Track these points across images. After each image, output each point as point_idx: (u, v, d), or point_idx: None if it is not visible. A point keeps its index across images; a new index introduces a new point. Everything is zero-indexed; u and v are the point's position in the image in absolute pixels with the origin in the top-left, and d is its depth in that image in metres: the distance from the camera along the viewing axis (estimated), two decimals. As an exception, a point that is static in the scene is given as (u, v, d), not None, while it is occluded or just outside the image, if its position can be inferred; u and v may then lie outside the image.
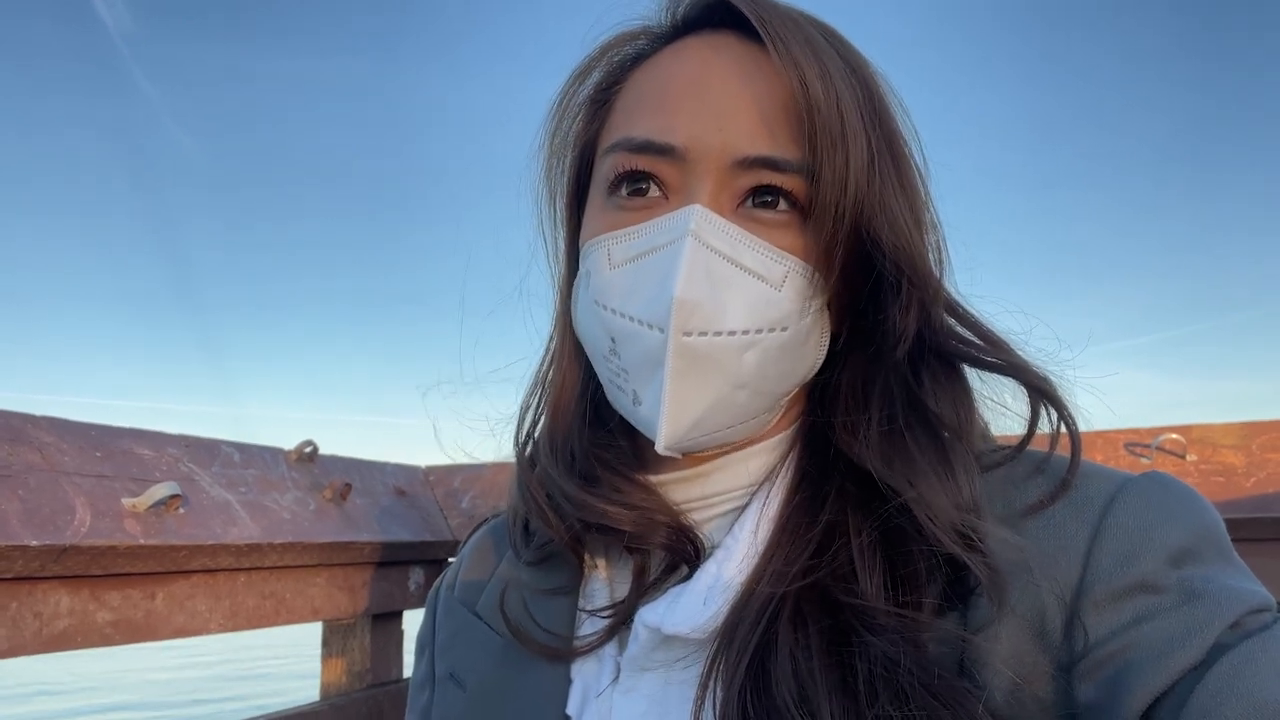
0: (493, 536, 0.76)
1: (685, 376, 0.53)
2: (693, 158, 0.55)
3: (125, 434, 1.19)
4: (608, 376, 0.59)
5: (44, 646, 0.99)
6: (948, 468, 0.54)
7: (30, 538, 0.93)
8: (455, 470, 1.79)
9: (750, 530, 0.58)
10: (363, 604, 1.50)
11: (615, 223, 0.58)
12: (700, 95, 0.56)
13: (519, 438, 0.69)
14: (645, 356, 0.54)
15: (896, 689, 0.47)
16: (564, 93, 0.66)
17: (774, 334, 0.55)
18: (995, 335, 0.59)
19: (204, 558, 1.15)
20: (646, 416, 0.55)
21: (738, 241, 0.54)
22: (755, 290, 0.54)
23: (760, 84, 0.56)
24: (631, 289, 0.56)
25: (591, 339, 0.60)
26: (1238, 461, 1.28)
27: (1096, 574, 0.49)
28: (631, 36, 0.64)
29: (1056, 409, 0.57)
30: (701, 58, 0.58)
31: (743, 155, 0.55)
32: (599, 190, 0.61)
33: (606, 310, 0.57)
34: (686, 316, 0.52)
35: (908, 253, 0.55)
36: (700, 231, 0.53)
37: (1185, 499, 0.53)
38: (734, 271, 0.54)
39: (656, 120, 0.57)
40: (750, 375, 0.55)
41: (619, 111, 0.62)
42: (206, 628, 1.20)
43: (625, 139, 0.58)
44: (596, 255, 0.58)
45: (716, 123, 0.55)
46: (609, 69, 0.64)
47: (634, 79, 0.62)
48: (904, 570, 0.52)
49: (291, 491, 1.38)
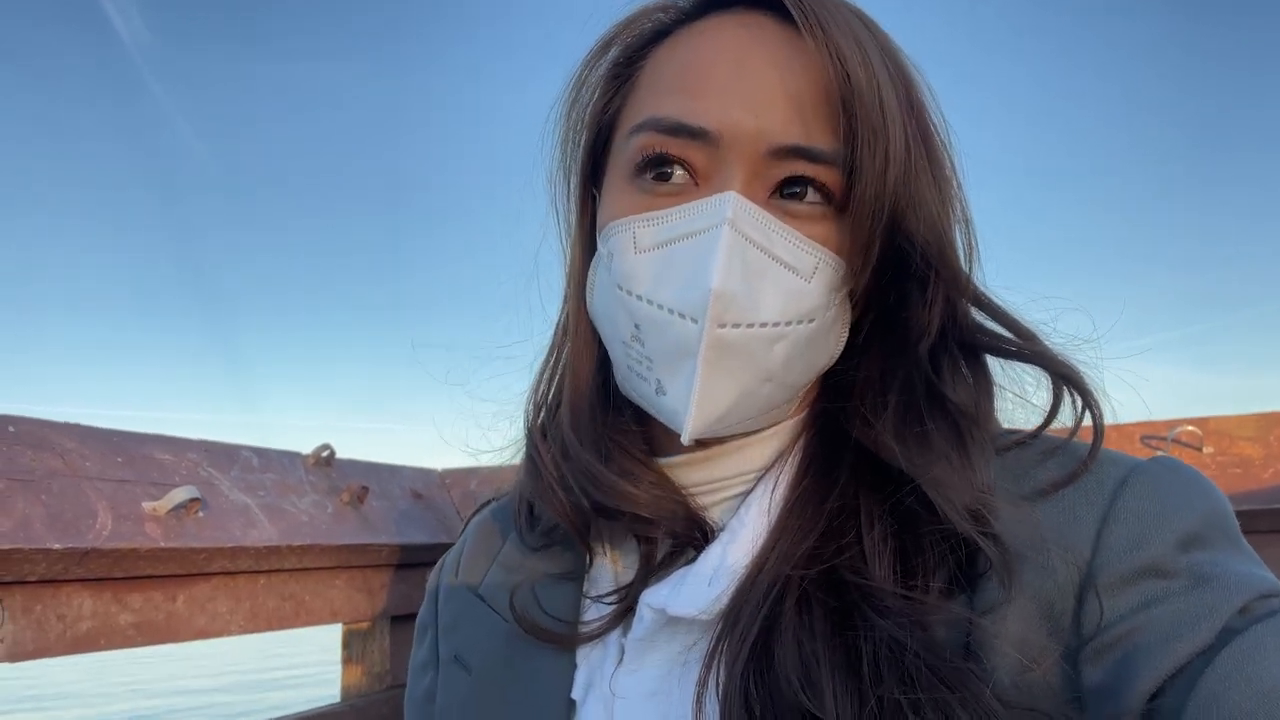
0: (495, 519, 0.75)
1: (716, 368, 0.52)
2: (726, 143, 0.54)
3: (145, 439, 1.21)
4: (626, 362, 0.58)
5: (68, 648, 1.00)
6: (963, 452, 0.54)
7: (53, 541, 0.95)
8: (471, 473, 1.80)
9: (757, 513, 0.58)
10: (381, 606, 1.51)
11: (642, 205, 0.56)
12: (735, 78, 0.54)
13: (530, 415, 0.68)
14: (675, 346, 0.53)
15: (902, 671, 0.47)
16: (583, 65, 0.63)
17: (802, 326, 0.54)
18: (1023, 326, 0.58)
19: (224, 560, 1.17)
20: (671, 406, 0.54)
21: (772, 232, 0.53)
22: (787, 282, 0.53)
23: (798, 70, 0.54)
24: (661, 275, 0.54)
25: (610, 323, 0.59)
26: (1255, 453, 1.27)
27: (1106, 557, 0.49)
28: (655, 9, 0.62)
29: (1082, 395, 0.56)
30: (736, 38, 0.56)
31: (778, 144, 0.53)
32: (622, 170, 0.59)
33: (631, 296, 0.55)
34: (723, 308, 0.51)
35: (939, 247, 0.54)
36: (737, 220, 0.52)
37: (1195, 484, 0.53)
38: (768, 262, 0.53)
39: (688, 101, 0.55)
40: (778, 368, 0.54)
41: (644, 88, 0.60)
42: (227, 629, 1.21)
43: (654, 119, 0.56)
44: (621, 238, 0.57)
45: (752, 108, 0.53)
46: (630, 43, 0.62)
47: (660, 55, 0.60)
48: (914, 553, 0.52)
49: (309, 495, 1.39)
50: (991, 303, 0.58)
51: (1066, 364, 0.57)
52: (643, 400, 0.59)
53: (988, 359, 0.59)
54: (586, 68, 0.63)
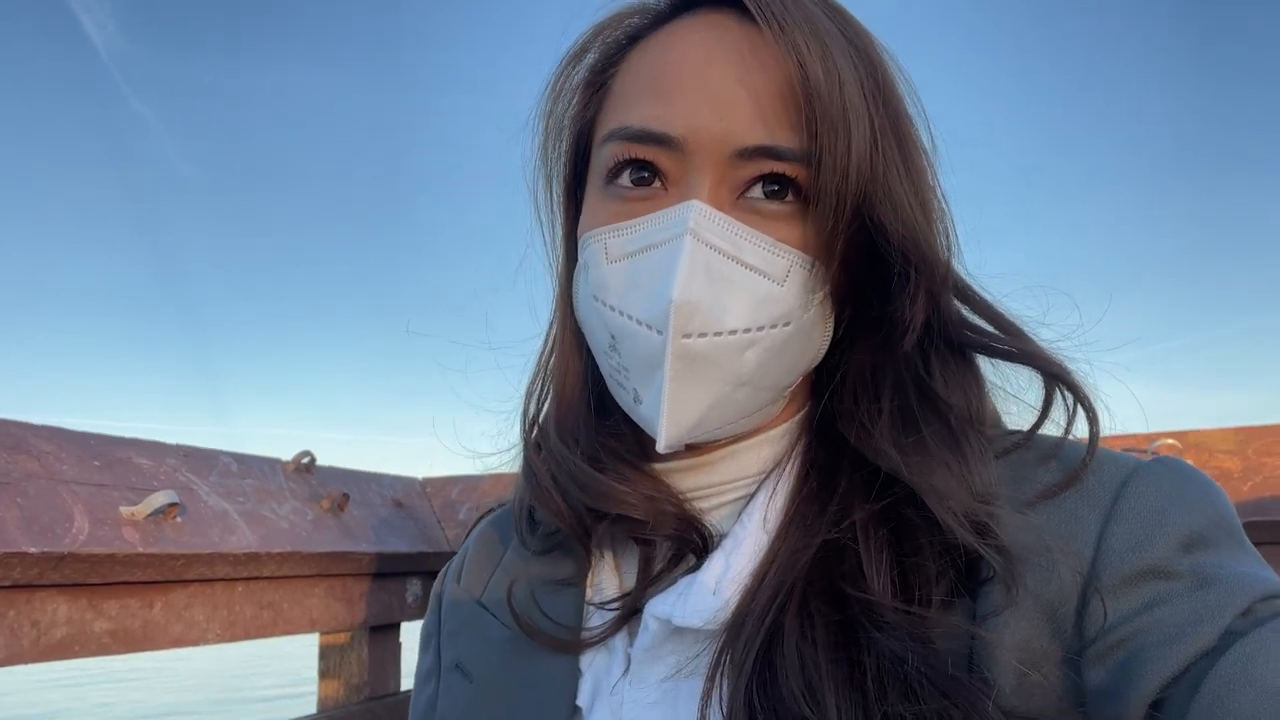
0: (496, 528, 0.75)
1: (684, 378, 0.52)
2: (691, 148, 0.53)
3: (123, 443, 1.18)
4: (609, 371, 0.59)
5: (41, 655, 0.98)
6: (961, 457, 0.53)
7: (29, 544, 0.93)
8: (452, 482, 1.79)
9: (758, 520, 0.58)
10: (360, 615, 1.49)
11: (613, 215, 0.56)
12: (699, 82, 0.54)
13: (524, 424, 0.68)
14: (644, 357, 0.53)
15: (905, 686, 0.47)
16: (558, 74, 0.63)
17: (776, 330, 0.54)
18: (1009, 321, 0.57)
19: (201, 566, 1.15)
20: (647, 415, 0.55)
21: (739, 237, 0.53)
22: (758, 287, 0.53)
23: (758, 69, 0.53)
24: (629, 287, 0.54)
25: (592, 333, 0.59)
26: (1234, 466, 1.29)
27: (1108, 559, 0.49)
28: (627, 15, 0.62)
29: (1074, 394, 0.56)
30: (700, 41, 0.55)
31: (743, 145, 0.53)
32: (596, 179, 0.59)
33: (605, 307, 0.56)
34: (686, 319, 0.51)
35: (914, 239, 0.54)
36: (699, 229, 0.52)
37: (1198, 485, 0.53)
38: (735, 269, 0.53)
39: (654, 108, 0.55)
40: (751, 373, 0.54)
41: (615, 96, 0.60)
42: (204, 638, 1.19)
43: (622, 128, 0.56)
44: (594, 249, 0.57)
45: (716, 111, 0.53)
46: (604, 49, 0.62)
47: (631, 61, 0.60)
48: (913, 563, 0.52)
49: (289, 502, 1.37)
50: (976, 296, 0.58)
51: (1056, 362, 0.56)
52: (626, 408, 0.59)
53: (978, 358, 0.59)
54: (561, 75, 0.63)
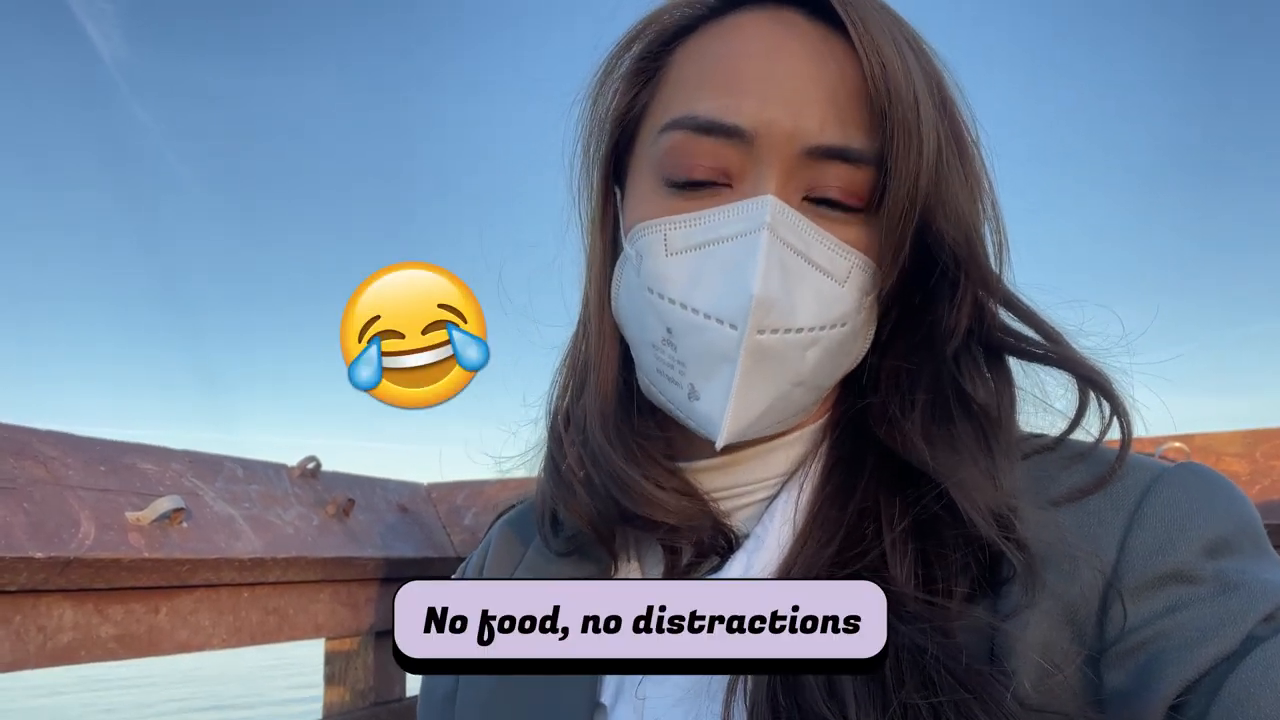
0: (514, 528, 0.74)
1: (752, 374, 0.52)
2: (761, 142, 0.52)
3: (129, 449, 1.19)
4: (655, 366, 0.57)
5: (47, 660, 0.98)
6: (989, 455, 0.53)
7: (35, 550, 0.93)
8: (458, 487, 1.79)
9: (781, 520, 0.57)
10: (366, 621, 1.49)
11: (672, 207, 0.55)
12: (770, 75, 0.53)
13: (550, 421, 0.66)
14: (710, 351, 0.52)
15: (924, 676, 0.46)
16: (607, 62, 0.62)
17: (835, 330, 0.54)
18: (1051, 328, 0.57)
19: (207, 572, 1.15)
20: (705, 412, 0.54)
21: (809, 236, 0.52)
22: (823, 287, 0.53)
23: (833, 67, 0.53)
24: (695, 280, 0.53)
25: (638, 326, 0.58)
26: (1241, 469, 1.28)
27: (1131, 562, 0.49)
28: (682, 3, 0.60)
29: (1109, 401, 0.56)
30: (770, 34, 0.54)
31: (814, 144, 0.52)
32: (650, 169, 0.57)
33: (664, 300, 0.54)
34: (764, 314, 0.50)
35: (969, 248, 0.54)
36: (776, 225, 0.51)
37: (1222, 490, 0.53)
38: (805, 267, 0.52)
39: (721, 99, 0.53)
40: (810, 372, 0.54)
41: (672, 85, 0.58)
42: (209, 643, 1.19)
43: (687, 117, 0.54)
44: (650, 240, 0.55)
45: (788, 106, 0.52)
46: (655, 38, 0.60)
47: (687, 51, 0.58)
48: (936, 557, 0.51)
49: (295, 507, 1.37)
50: (1021, 304, 0.57)
51: (1095, 368, 0.56)
52: (672, 404, 0.57)
53: (1009, 361, 0.59)
54: (610, 64, 0.62)
